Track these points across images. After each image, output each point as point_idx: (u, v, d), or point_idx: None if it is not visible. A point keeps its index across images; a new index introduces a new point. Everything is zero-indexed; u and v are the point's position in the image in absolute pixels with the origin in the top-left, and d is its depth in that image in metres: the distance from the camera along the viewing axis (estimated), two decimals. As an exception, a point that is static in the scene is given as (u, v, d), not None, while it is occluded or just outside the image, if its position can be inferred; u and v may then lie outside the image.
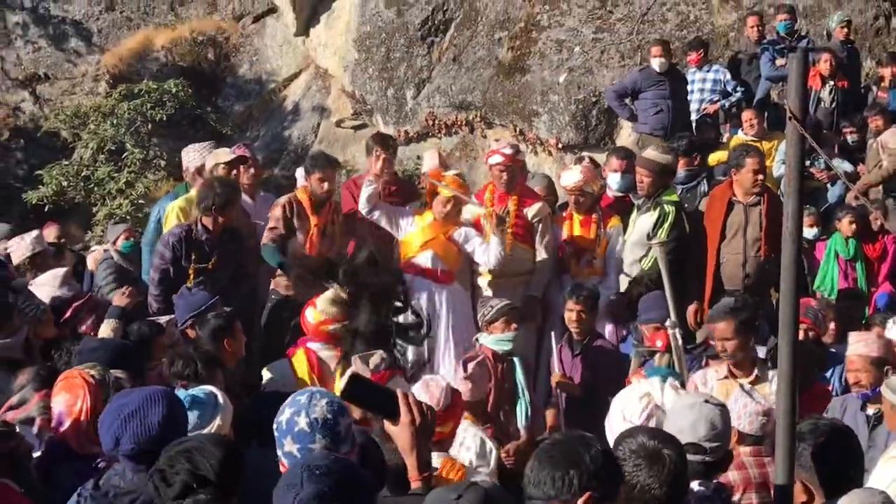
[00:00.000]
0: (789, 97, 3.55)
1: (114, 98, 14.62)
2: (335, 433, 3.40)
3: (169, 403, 3.88)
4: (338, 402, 3.45)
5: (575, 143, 12.89)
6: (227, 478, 3.41)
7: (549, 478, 2.95)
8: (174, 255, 7.72)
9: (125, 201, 13.65)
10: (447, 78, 14.08)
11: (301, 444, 3.38)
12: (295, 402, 3.45)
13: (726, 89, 11.77)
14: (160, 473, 3.39)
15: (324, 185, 8.23)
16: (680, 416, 4.06)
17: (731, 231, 8.02)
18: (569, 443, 3.02)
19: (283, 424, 3.43)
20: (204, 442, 3.47)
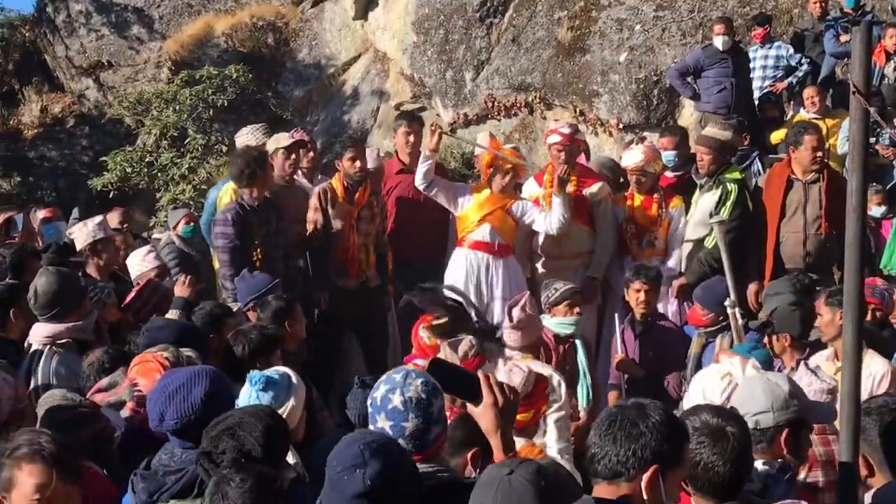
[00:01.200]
0: (853, 71, 3.47)
1: (175, 84, 14.82)
2: (428, 413, 3.42)
3: (213, 380, 3.96)
4: (432, 383, 3.47)
5: (636, 124, 12.77)
6: (273, 449, 3.48)
7: (612, 454, 2.93)
8: (236, 228, 7.59)
9: (188, 186, 13.84)
10: (506, 59, 14.03)
11: (394, 422, 3.41)
12: (390, 380, 3.48)
13: (790, 65, 11.58)
14: (206, 456, 3.46)
15: (356, 163, 8.17)
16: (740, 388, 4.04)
17: (791, 209, 7.89)
18: (627, 416, 2.98)
19: (378, 401, 3.46)
20: (244, 417, 3.53)
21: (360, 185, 8.25)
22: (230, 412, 3.63)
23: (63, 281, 5.84)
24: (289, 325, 6.43)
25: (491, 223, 8.13)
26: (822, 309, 6.28)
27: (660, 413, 2.97)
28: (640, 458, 2.89)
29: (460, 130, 14.05)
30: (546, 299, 7.19)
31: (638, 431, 2.91)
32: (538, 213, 8.15)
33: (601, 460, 2.94)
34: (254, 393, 4.31)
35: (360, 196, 8.24)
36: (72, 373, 5.51)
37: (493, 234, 8.13)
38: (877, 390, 5.72)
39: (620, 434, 2.92)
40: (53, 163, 16.30)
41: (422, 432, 3.41)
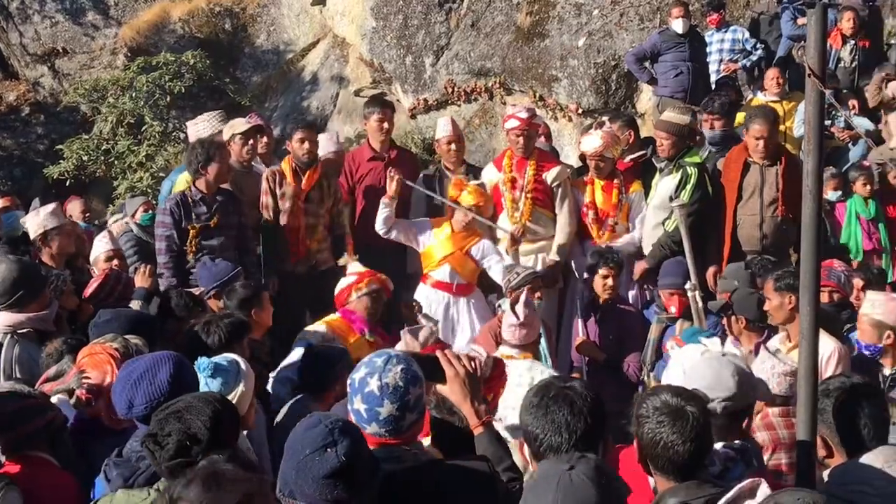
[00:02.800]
0: (808, 54, 3.51)
1: (132, 71, 14.66)
2: (404, 401, 3.43)
3: (176, 364, 4.00)
4: (413, 371, 3.47)
5: (595, 108, 12.80)
6: (220, 434, 3.47)
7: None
8: (174, 219, 7.70)
9: (145, 174, 13.73)
10: (465, 44, 14.01)
11: (369, 406, 3.43)
12: (371, 363, 3.49)
13: (746, 48, 11.66)
14: (152, 438, 3.45)
15: (304, 145, 8.23)
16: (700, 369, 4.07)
17: (748, 192, 7.94)
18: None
19: (356, 383, 3.47)
20: (192, 401, 3.53)
21: (310, 167, 8.24)
22: (180, 398, 3.62)
23: (23, 269, 5.81)
24: (255, 313, 6.43)
25: (451, 264, 8.07)
26: (770, 293, 6.35)
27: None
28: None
29: (420, 116, 14.05)
30: (507, 283, 7.26)
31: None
32: (496, 260, 8.04)
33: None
34: (202, 379, 4.30)
35: (308, 178, 8.23)
36: (33, 362, 5.50)
37: (452, 274, 8.07)
38: (825, 370, 5.79)
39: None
40: (9, 151, 16.07)
41: (396, 419, 3.43)
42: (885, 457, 3.49)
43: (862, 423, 3.73)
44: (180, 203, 7.75)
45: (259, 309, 6.45)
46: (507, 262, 7.95)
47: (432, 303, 7.99)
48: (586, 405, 3.22)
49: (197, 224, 7.74)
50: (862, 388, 3.88)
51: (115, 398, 3.97)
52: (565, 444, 3.19)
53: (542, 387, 3.29)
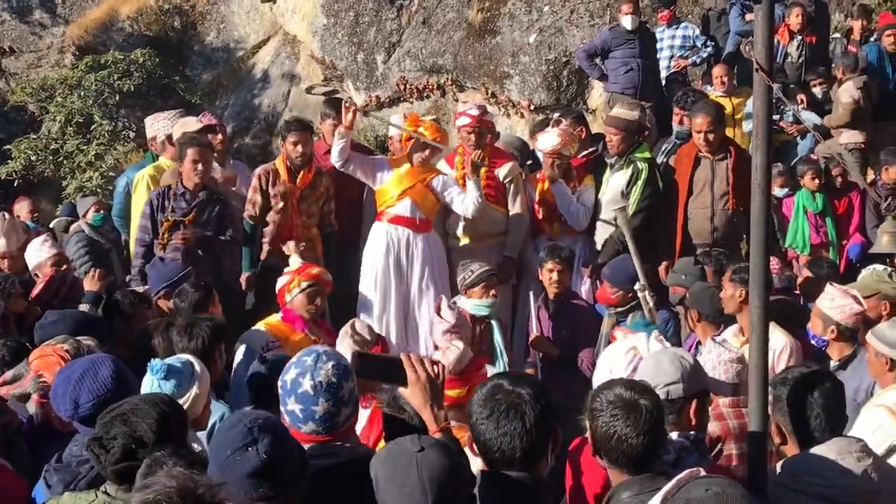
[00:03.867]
0: (756, 49, 3.55)
1: (80, 70, 14.51)
2: (338, 396, 3.43)
3: (114, 362, 4.00)
4: (343, 366, 3.47)
5: (546, 105, 12.86)
6: (167, 436, 3.44)
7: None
8: (151, 210, 7.79)
9: (95, 174, 13.59)
10: (417, 41, 14.01)
11: (304, 406, 3.42)
12: (301, 363, 3.48)
13: (696, 45, 11.76)
14: (97, 441, 3.42)
15: (298, 147, 8.20)
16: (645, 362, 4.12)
17: (699, 186, 8.01)
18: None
19: (288, 384, 3.46)
20: (138, 403, 3.50)
21: (305, 166, 8.23)
22: (125, 400, 3.59)
23: (-36, 272, 5.73)
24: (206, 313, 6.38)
25: (411, 197, 8.11)
26: (726, 283, 6.45)
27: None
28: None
29: (373, 113, 14.02)
30: (462, 281, 7.27)
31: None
32: (457, 192, 8.16)
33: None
34: (155, 382, 4.28)
35: (303, 177, 8.22)
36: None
37: (413, 208, 8.12)
38: (777, 363, 5.88)
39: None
40: (-44, 152, 15.87)
41: (332, 415, 3.44)
42: (838, 448, 3.53)
43: (817, 411, 3.77)
44: (162, 195, 7.87)
45: (211, 308, 6.40)
46: (469, 189, 8.03)
47: (391, 239, 8.03)
48: (535, 411, 3.23)
49: (171, 217, 7.74)
50: (818, 377, 3.93)
51: (57, 401, 3.93)
52: (517, 451, 3.20)
53: (490, 395, 3.29)
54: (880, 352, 5.13)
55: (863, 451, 3.53)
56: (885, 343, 5.11)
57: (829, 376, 4.05)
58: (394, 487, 2.89)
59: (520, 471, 3.20)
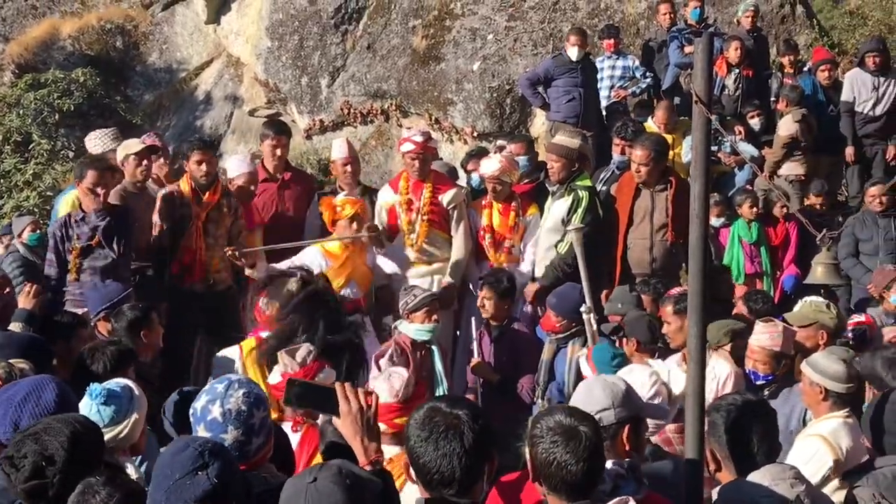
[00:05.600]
0: (695, 81, 3.63)
1: (19, 88, 14.33)
2: (248, 425, 3.42)
3: (58, 385, 3.97)
4: (255, 394, 3.46)
5: (490, 131, 12.95)
6: (78, 455, 3.41)
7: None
8: (55, 242, 7.68)
9: (33, 193, 13.39)
10: (362, 66, 14.05)
11: (213, 433, 3.40)
12: (212, 391, 3.47)
13: (635, 76, 11.92)
14: (8, 460, 3.39)
15: (202, 167, 8.10)
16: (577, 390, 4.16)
17: (639, 216, 8.11)
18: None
19: (198, 411, 3.44)
20: (51, 423, 3.48)
21: (210, 187, 8.15)
22: (40, 420, 3.56)
23: None
24: (144, 335, 6.34)
25: (354, 279, 7.79)
26: (669, 317, 6.51)
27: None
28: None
29: (316, 136, 14.03)
30: (405, 305, 7.27)
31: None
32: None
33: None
34: (94, 406, 4.22)
35: (208, 197, 8.13)
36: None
37: (357, 290, 7.81)
38: (721, 391, 5.96)
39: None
40: None
41: (242, 444, 3.43)
42: (772, 475, 3.61)
43: (752, 438, 3.84)
44: (63, 225, 7.70)
45: (149, 330, 6.34)
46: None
47: None
48: (474, 432, 3.24)
49: (78, 244, 7.60)
50: (753, 405, 4.00)
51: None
52: (457, 471, 3.21)
53: (428, 417, 3.30)
54: (814, 381, 5.22)
55: (795, 477, 3.61)
56: (819, 373, 5.21)
57: (763, 404, 4.13)
58: None
59: (456, 494, 3.20)
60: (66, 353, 5.94)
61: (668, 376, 4.71)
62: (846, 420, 5.09)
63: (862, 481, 4.04)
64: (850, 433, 4.96)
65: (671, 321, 6.49)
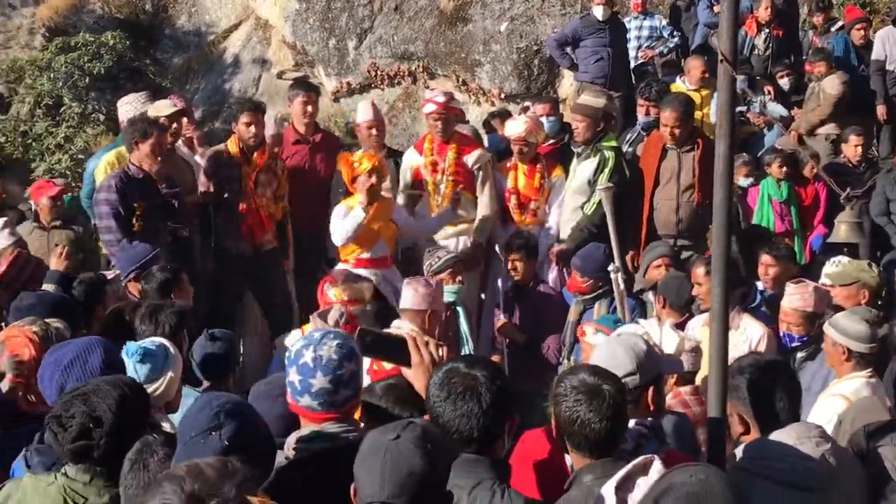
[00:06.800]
0: (720, 40, 3.60)
1: (50, 51, 14.36)
2: (336, 374, 3.44)
3: (105, 349, 4.01)
4: (349, 347, 3.49)
5: (517, 93, 12.92)
6: (125, 418, 3.46)
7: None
8: (118, 193, 7.43)
9: (64, 156, 13.49)
10: (389, 28, 14.01)
11: (302, 377, 3.44)
12: (309, 337, 3.52)
13: (663, 35, 11.83)
14: (56, 419, 3.43)
15: (250, 129, 8.16)
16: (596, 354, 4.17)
17: (665, 177, 8.07)
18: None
19: (293, 354, 3.49)
20: (100, 384, 3.51)
21: (258, 148, 8.19)
22: (89, 381, 3.60)
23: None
24: (175, 296, 6.38)
25: (383, 237, 7.82)
26: (701, 279, 6.50)
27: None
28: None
29: (344, 99, 14.04)
30: (429, 267, 7.31)
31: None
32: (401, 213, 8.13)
33: None
34: (131, 364, 4.29)
35: (257, 158, 8.18)
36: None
37: (385, 246, 7.86)
38: (755, 352, 5.99)
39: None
40: (-76, 132, 15.71)
41: (328, 392, 3.44)
42: (797, 433, 3.61)
43: (777, 398, 3.86)
44: (122, 178, 7.53)
45: (179, 290, 6.41)
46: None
47: (381, 283, 7.69)
48: (491, 392, 3.30)
49: (143, 202, 7.54)
50: (775, 364, 4.01)
51: (43, 384, 3.93)
52: (474, 431, 3.27)
53: (447, 378, 3.35)
54: (837, 341, 5.23)
55: (821, 436, 3.62)
56: (842, 333, 5.21)
57: (784, 365, 4.15)
58: (361, 470, 2.93)
59: (476, 452, 3.26)
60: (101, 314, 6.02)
61: (660, 336, 4.71)
62: (869, 380, 5.10)
63: (886, 440, 4.06)
64: (872, 393, 4.97)
65: (702, 283, 6.48)
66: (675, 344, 5.06)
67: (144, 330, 5.28)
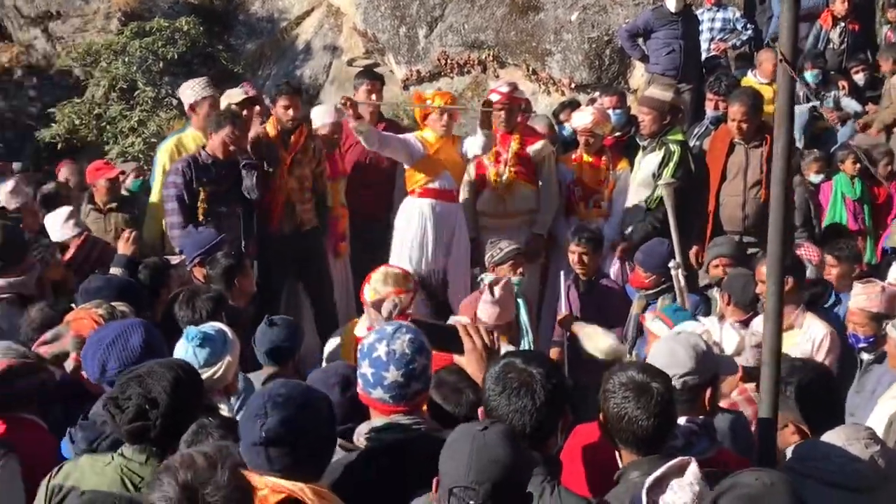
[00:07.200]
0: (780, 39, 3.56)
1: (125, 36, 14.61)
2: (409, 368, 3.50)
3: (146, 329, 4.11)
4: (420, 342, 3.55)
5: (588, 83, 12.82)
6: (180, 400, 3.53)
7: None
8: (185, 179, 7.58)
9: (137, 140, 13.73)
10: (460, 16, 14.00)
11: (375, 370, 3.51)
12: (382, 331, 3.59)
13: (736, 28, 11.67)
14: (113, 401, 3.52)
15: (288, 112, 8.18)
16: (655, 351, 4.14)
17: (732, 173, 7.98)
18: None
19: (366, 347, 3.56)
20: (154, 367, 3.59)
21: (295, 130, 8.26)
22: (144, 363, 3.68)
23: (5, 235, 5.82)
24: (238, 281, 6.48)
25: (448, 169, 8.06)
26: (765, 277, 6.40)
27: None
28: None
29: (413, 87, 14.04)
30: (490, 258, 7.29)
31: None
32: (469, 140, 8.15)
33: None
34: (190, 349, 4.36)
35: (294, 140, 8.24)
36: (12, 327, 5.52)
37: (451, 180, 8.09)
38: (816, 353, 5.90)
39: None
40: (1, 114, 16.05)
41: (400, 385, 3.51)
42: (846, 435, 3.59)
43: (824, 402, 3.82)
44: (191, 164, 7.68)
45: (242, 276, 6.49)
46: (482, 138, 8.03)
47: (431, 213, 8.00)
48: (546, 390, 3.31)
49: (208, 187, 7.68)
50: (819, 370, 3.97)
51: (87, 363, 4.05)
52: (527, 427, 3.30)
53: (503, 372, 3.37)
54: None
55: (870, 437, 3.58)
56: (905, 334, 5.12)
57: (821, 365, 4.11)
58: (447, 455, 2.98)
59: (529, 447, 3.28)
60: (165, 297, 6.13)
61: (720, 333, 4.66)
62: (930, 384, 5.01)
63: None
64: (935, 398, 4.88)
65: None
66: (736, 342, 5.00)
67: (182, 315, 5.41)
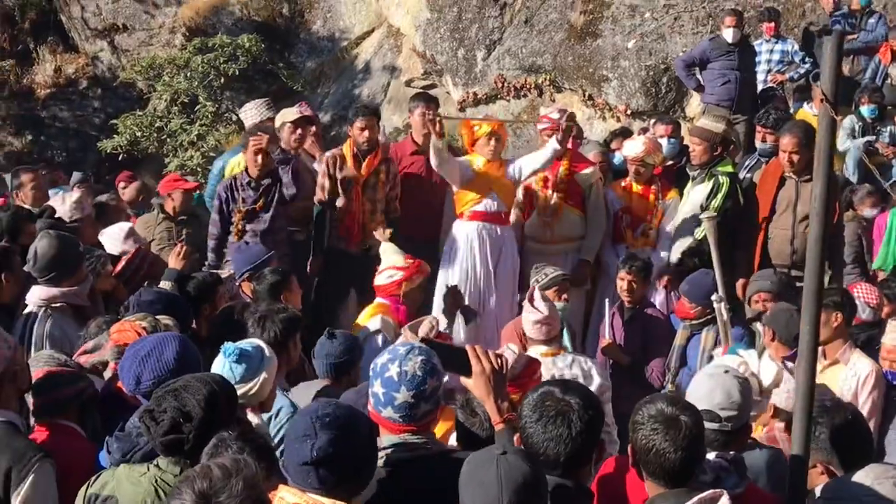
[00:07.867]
0: (822, 79, 3.56)
1: (188, 51, 14.89)
2: (420, 389, 3.54)
3: (181, 343, 4.20)
4: (432, 363, 3.60)
5: (644, 110, 12.83)
6: (214, 414, 3.60)
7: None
8: (220, 203, 8.11)
9: (196, 153, 13.96)
10: (518, 40, 14.08)
11: (386, 390, 3.55)
12: (394, 351, 3.63)
13: (794, 60, 11.61)
14: (149, 413, 3.60)
15: (364, 133, 8.34)
16: (699, 384, 4.14)
17: (782, 206, 7.90)
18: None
19: (378, 367, 3.61)
20: (190, 381, 3.67)
21: (371, 153, 8.37)
22: (180, 378, 3.76)
23: (62, 245, 5.90)
24: (284, 297, 6.54)
25: (496, 191, 8.18)
26: None
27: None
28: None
29: (469, 109, 14.14)
30: (536, 283, 7.31)
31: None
32: (523, 159, 8.27)
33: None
34: (227, 364, 4.44)
35: (369, 163, 8.36)
36: (65, 336, 5.63)
37: (499, 203, 8.20)
38: (861, 390, 5.85)
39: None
40: (65, 123, 16.40)
41: (410, 406, 3.53)
42: (875, 474, 3.58)
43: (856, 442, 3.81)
44: (229, 187, 8.12)
45: (288, 293, 6.58)
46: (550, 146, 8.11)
47: (478, 236, 8.13)
48: (583, 420, 3.36)
49: (243, 207, 7.98)
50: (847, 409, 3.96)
51: (122, 374, 4.15)
52: (561, 455, 3.34)
53: (541, 400, 3.42)
54: None
55: (900, 476, 3.57)
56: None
57: (849, 405, 4.10)
58: (473, 483, 3.03)
59: (562, 475, 3.31)
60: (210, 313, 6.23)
61: (759, 367, 4.64)
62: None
63: None
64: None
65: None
66: (773, 374, 4.98)
67: (253, 333, 5.45)
